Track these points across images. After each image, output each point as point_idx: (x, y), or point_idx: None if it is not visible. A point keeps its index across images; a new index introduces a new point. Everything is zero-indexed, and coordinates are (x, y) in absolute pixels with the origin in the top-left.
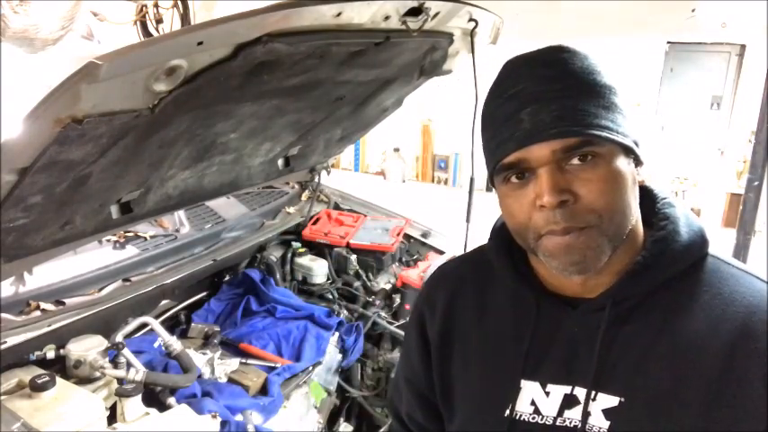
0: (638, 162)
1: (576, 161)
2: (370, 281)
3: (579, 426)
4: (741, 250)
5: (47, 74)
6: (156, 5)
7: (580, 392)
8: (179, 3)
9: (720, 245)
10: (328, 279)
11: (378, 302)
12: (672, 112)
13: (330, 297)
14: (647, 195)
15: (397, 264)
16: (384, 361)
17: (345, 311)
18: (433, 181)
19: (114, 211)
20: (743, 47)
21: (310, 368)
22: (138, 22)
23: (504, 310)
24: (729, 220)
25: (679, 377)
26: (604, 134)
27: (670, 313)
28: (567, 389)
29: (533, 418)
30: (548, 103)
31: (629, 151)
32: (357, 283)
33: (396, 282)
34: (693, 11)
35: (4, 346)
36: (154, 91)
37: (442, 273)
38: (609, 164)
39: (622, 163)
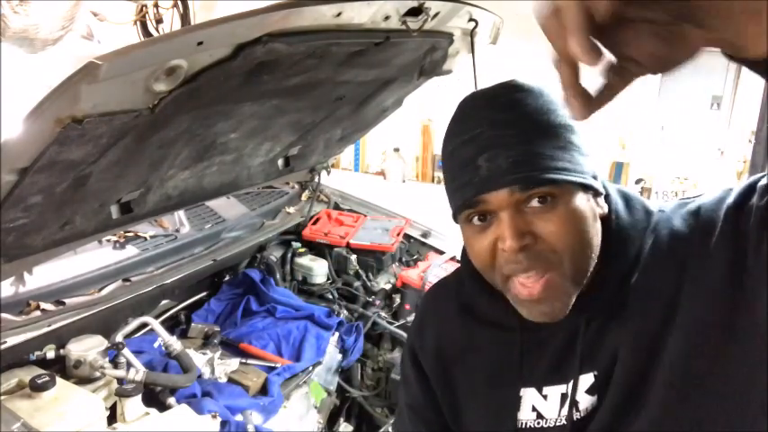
0: (597, 194)
1: (535, 203)
2: (370, 281)
3: (576, 416)
4: None
5: (47, 74)
6: (156, 5)
7: (570, 388)
8: (179, 3)
9: None
10: (328, 279)
11: (378, 302)
12: (672, 112)
13: (330, 297)
14: None
15: (397, 264)
16: (384, 361)
17: (345, 311)
18: (433, 181)
19: (114, 211)
20: None
21: (310, 368)
22: (138, 22)
23: (489, 328)
24: None
25: (638, 337)
26: (561, 177)
27: (633, 285)
28: (562, 388)
29: (538, 423)
30: (504, 148)
31: (587, 188)
32: (357, 283)
33: (396, 282)
34: None
35: (4, 346)
36: (154, 91)
37: (426, 305)
38: (568, 204)
39: (581, 201)
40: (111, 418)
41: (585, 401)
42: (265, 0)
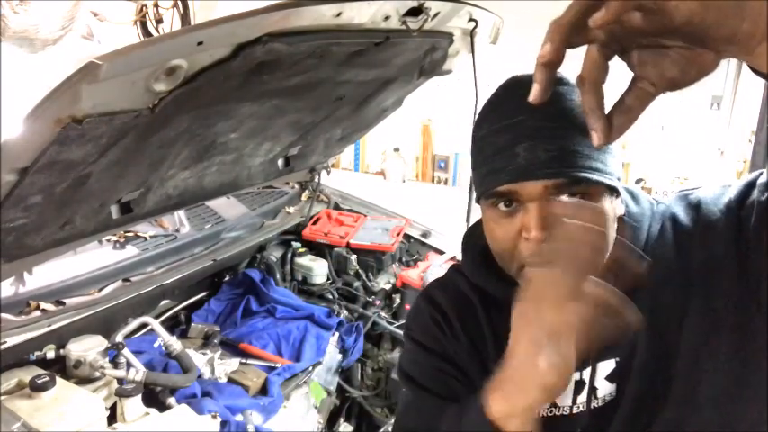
0: (618, 195)
1: (564, 197)
2: (370, 281)
3: (595, 404)
4: None
5: (47, 74)
6: (156, 5)
7: (586, 374)
8: (179, 3)
9: None
10: (328, 279)
11: (378, 302)
12: (672, 112)
13: (330, 297)
14: None
15: (397, 264)
16: (384, 361)
17: (345, 311)
18: (433, 181)
19: (114, 211)
20: None
21: (310, 368)
22: (138, 22)
23: (501, 312)
24: None
25: (655, 322)
26: (595, 177)
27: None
28: (576, 375)
29: (551, 412)
30: (544, 141)
31: (613, 190)
32: (357, 283)
33: (396, 282)
34: None
35: (4, 346)
36: (154, 91)
37: (435, 297)
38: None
39: (607, 202)
40: (111, 418)
41: (604, 389)
42: (265, 0)
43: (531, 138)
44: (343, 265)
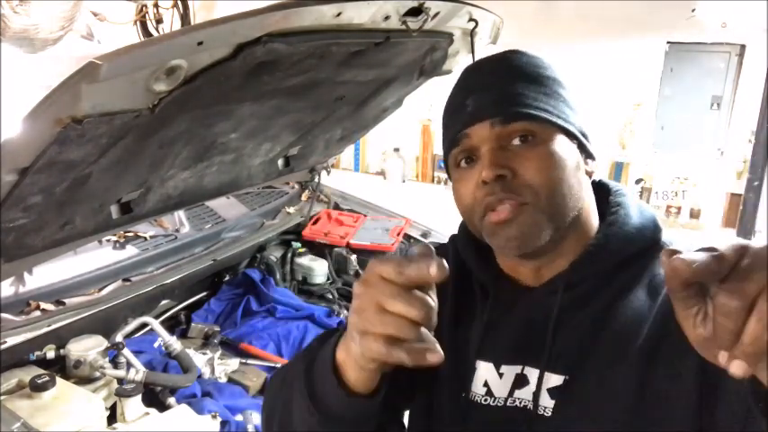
0: (588, 155)
1: (516, 141)
2: None
3: (530, 406)
4: None
5: (47, 74)
6: (156, 5)
7: (530, 372)
8: (179, 3)
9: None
10: (328, 279)
11: None
12: (672, 112)
13: (330, 297)
14: (602, 190)
15: None
16: None
17: (345, 311)
18: (432, 181)
19: (114, 211)
20: (743, 47)
21: None
22: (138, 22)
23: (467, 295)
24: (729, 220)
25: (616, 358)
26: (540, 114)
27: (616, 296)
28: (518, 368)
29: (485, 400)
30: (490, 90)
31: (572, 137)
32: None
33: None
34: (693, 11)
35: (4, 346)
36: (154, 91)
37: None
38: (547, 144)
39: (562, 146)
40: (111, 418)
41: (545, 401)
42: (265, 0)
43: (481, 89)
44: (343, 265)
